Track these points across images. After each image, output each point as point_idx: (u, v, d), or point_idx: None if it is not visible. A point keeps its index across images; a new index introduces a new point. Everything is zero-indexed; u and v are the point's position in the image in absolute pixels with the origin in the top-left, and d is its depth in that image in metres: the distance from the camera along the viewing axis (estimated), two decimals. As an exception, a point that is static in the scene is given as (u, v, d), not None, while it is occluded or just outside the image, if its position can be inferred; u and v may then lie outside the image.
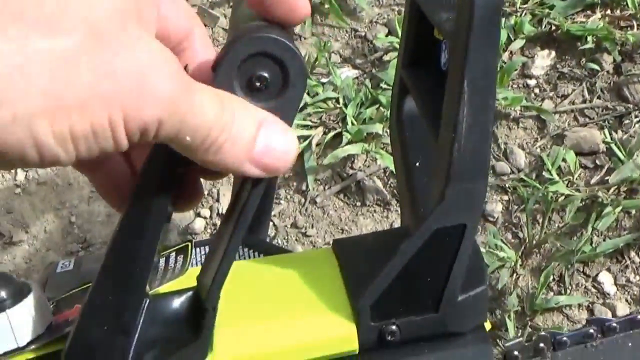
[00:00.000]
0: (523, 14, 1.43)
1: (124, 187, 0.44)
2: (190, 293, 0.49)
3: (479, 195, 0.47)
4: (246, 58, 0.38)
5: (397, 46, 1.43)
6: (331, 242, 0.56)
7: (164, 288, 0.53)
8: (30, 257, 1.48)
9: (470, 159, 0.45)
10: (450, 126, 0.45)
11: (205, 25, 1.53)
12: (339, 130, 1.40)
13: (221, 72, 0.38)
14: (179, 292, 0.49)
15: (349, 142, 1.38)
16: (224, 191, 1.44)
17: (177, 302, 0.49)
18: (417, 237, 0.48)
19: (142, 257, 0.44)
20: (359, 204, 1.40)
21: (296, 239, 1.39)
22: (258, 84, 0.39)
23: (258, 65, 0.38)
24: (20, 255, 1.48)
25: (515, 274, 1.31)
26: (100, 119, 0.31)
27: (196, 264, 0.63)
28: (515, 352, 0.73)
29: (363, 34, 1.50)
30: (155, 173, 0.41)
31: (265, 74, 0.39)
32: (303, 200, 1.41)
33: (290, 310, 0.52)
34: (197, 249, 0.68)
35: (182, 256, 0.64)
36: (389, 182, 1.39)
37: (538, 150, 1.37)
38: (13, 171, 1.52)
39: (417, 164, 0.59)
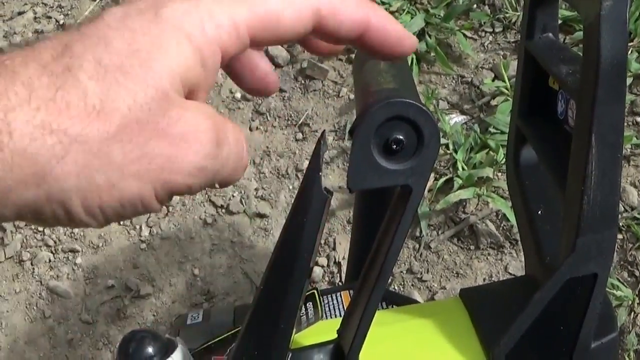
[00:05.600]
0: (629, 52, 1.41)
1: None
2: (329, 347, 0.50)
3: (610, 245, 0.47)
4: (383, 122, 0.40)
5: (504, 90, 1.45)
6: (448, 287, 0.57)
7: (300, 336, 0.55)
8: (157, 310, 1.53)
9: (599, 211, 0.46)
10: (579, 179, 0.45)
11: (315, 79, 1.57)
12: (449, 175, 1.41)
13: (359, 136, 0.40)
14: (319, 346, 0.51)
15: (461, 187, 1.39)
16: (340, 240, 1.46)
17: (317, 356, 0.50)
18: (548, 288, 0.49)
19: (286, 313, 0.45)
20: (472, 247, 1.40)
21: (412, 285, 1.40)
22: (395, 146, 0.40)
23: (394, 128, 0.40)
24: (147, 307, 1.54)
25: (633, 313, 1.29)
26: (129, 196, 0.34)
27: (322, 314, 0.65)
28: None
29: (469, 79, 1.51)
30: (298, 225, 0.43)
31: (401, 137, 0.40)
32: (417, 245, 1.42)
33: (427, 360, 0.53)
34: (322, 298, 0.70)
35: (311, 303, 0.66)
36: (502, 225, 1.39)
37: (651, 187, 1.34)
38: (138, 228, 1.59)
39: (539, 212, 0.60)
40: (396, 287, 1.42)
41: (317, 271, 1.44)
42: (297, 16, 0.37)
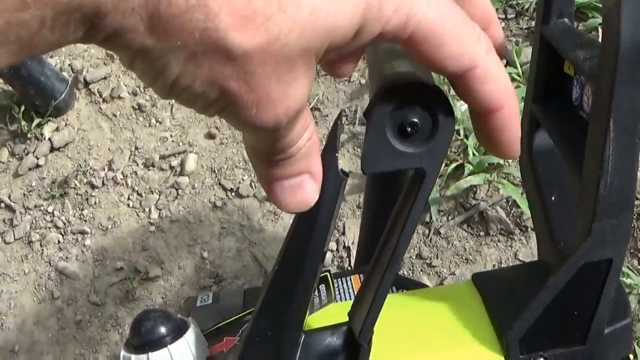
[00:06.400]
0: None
1: None
2: (343, 329, 0.50)
3: (626, 230, 0.47)
4: (398, 105, 0.39)
5: (516, 77, 1.44)
6: (457, 273, 0.57)
7: (312, 318, 0.55)
8: (165, 292, 1.54)
9: (616, 196, 0.45)
10: (596, 164, 0.45)
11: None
12: (460, 161, 1.41)
13: (373, 120, 0.40)
14: (332, 328, 0.51)
15: (471, 173, 1.39)
16: (350, 224, 1.46)
17: (330, 338, 0.50)
18: (563, 272, 0.48)
19: (300, 294, 0.45)
20: (482, 233, 1.40)
21: (421, 270, 1.40)
22: (409, 129, 0.40)
23: (408, 112, 0.39)
24: (156, 290, 1.54)
25: (642, 301, 1.29)
26: (191, 91, 0.32)
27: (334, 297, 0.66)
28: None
29: (481, 65, 1.50)
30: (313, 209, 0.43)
31: (416, 120, 0.39)
32: (427, 231, 1.42)
33: (440, 344, 0.53)
34: (334, 281, 0.70)
35: (323, 285, 0.66)
36: (512, 212, 1.39)
37: (665, 175, 1.34)
38: (147, 210, 1.59)
39: (553, 198, 0.59)
40: (405, 272, 1.42)
41: (327, 255, 1.44)
42: (456, 53, 0.35)
